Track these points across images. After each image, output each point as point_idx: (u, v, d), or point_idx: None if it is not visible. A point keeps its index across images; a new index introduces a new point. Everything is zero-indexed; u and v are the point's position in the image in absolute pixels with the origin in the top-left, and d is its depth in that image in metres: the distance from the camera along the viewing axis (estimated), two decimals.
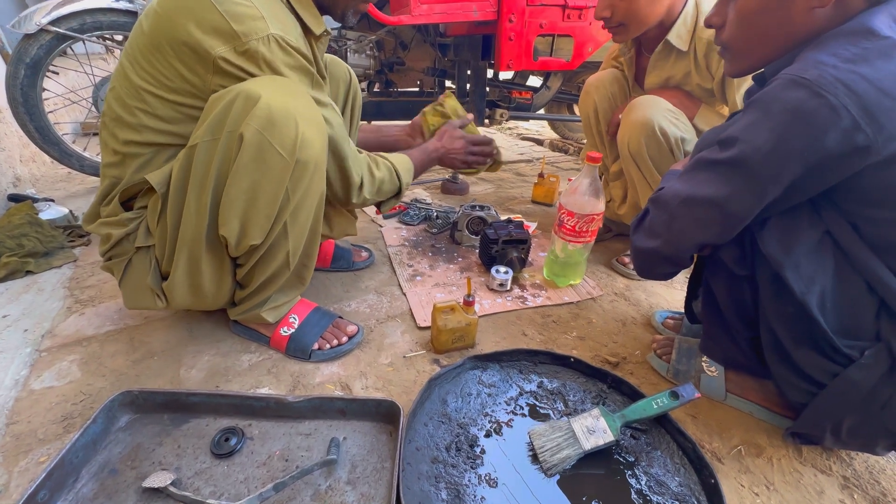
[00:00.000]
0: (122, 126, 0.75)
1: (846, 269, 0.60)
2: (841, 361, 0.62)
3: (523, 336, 1.01)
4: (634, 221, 0.77)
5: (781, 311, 0.64)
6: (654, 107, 1.05)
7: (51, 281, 1.16)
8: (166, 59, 0.69)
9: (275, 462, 0.67)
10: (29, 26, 1.39)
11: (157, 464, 0.66)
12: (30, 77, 1.45)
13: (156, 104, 0.72)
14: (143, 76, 0.71)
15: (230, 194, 0.70)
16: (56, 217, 1.39)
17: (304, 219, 0.78)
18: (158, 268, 0.81)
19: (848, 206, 0.58)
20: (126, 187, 0.78)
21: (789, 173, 0.55)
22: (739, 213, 0.60)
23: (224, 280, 0.82)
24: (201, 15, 0.65)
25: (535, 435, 0.70)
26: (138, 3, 1.56)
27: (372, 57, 1.84)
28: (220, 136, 0.67)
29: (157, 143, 0.76)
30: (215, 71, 0.68)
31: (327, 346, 0.90)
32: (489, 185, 2.05)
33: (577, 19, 1.47)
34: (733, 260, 0.68)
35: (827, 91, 0.50)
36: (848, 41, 0.53)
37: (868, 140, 0.50)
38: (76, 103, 1.95)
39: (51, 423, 0.74)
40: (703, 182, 0.63)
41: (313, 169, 0.73)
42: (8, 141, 1.75)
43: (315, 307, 0.95)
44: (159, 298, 0.82)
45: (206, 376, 0.85)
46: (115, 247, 0.80)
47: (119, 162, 0.77)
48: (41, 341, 0.94)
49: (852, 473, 0.72)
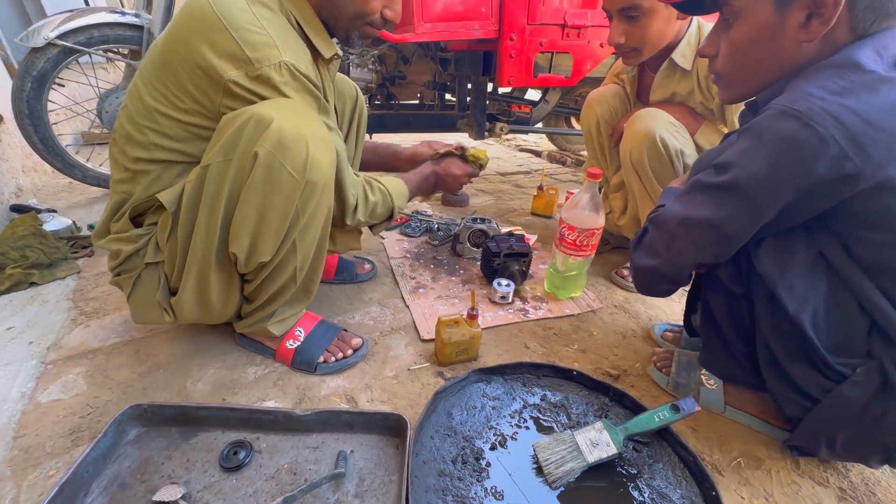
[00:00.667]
0: (132, 144, 0.76)
1: (839, 290, 0.62)
2: (834, 378, 0.63)
3: (525, 348, 1.02)
4: (634, 240, 0.79)
5: (776, 328, 0.66)
6: (657, 119, 1.08)
7: (55, 292, 1.16)
8: (178, 80, 0.72)
9: (283, 475, 0.68)
10: (37, 40, 1.41)
11: (167, 477, 0.66)
12: (36, 90, 1.47)
13: (166, 123, 0.74)
14: (155, 96, 0.74)
15: (242, 213, 0.71)
16: (59, 228, 1.40)
17: (312, 236, 0.80)
18: (167, 283, 0.83)
19: (840, 228, 0.60)
20: (136, 204, 0.80)
21: (782, 198, 0.57)
22: (735, 235, 0.63)
23: (232, 295, 0.84)
24: (216, 40, 0.68)
25: (540, 448, 0.71)
26: (144, 18, 1.59)
27: (374, 71, 1.87)
28: (233, 156, 0.69)
29: (165, 161, 0.78)
30: (225, 93, 0.70)
31: (333, 358, 0.91)
32: (489, 196, 2.08)
33: (576, 38, 1.51)
34: (730, 278, 0.70)
35: (815, 122, 0.53)
36: (835, 74, 0.56)
37: (856, 168, 0.53)
38: (80, 115, 1.97)
39: (58, 437, 0.75)
40: (700, 204, 0.66)
41: (322, 188, 0.75)
42: (11, 152, 1.76)
43: (320, 320, 0.96)
44: (167, 313, 0.84)
45: (212, 389, 0.86)
46: (125, 262, 0.82)
47: (129, 179, 0.79)
48: (46, 353, 0.94)
49: (849, 485, 0.73)
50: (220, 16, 0.68)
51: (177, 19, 0.73)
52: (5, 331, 1.01)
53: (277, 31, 0.71)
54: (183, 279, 0.79)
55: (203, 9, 0.69)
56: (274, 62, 0.69)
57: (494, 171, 2.56)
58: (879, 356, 0.61)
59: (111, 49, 1.60)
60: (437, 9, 1.35)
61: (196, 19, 0.70)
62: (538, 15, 1.45)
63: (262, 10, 0.72)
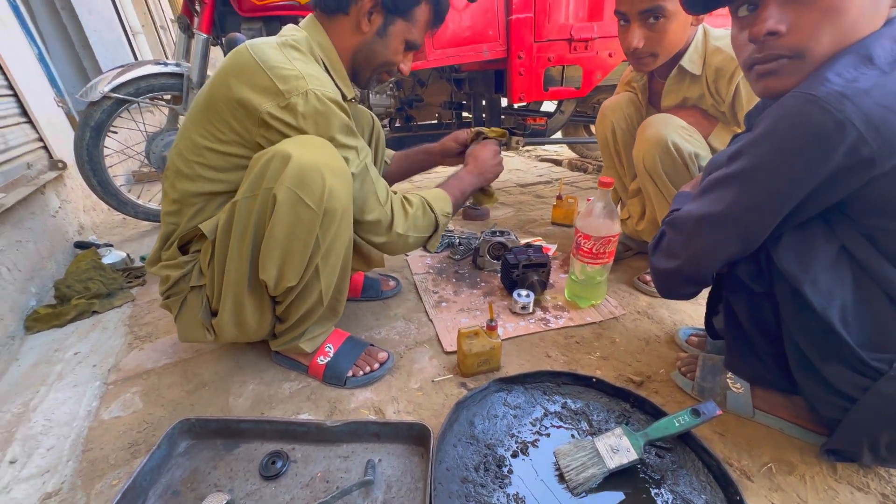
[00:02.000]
0: (181, 178, 0.86)
1: (865, 282, 0.60)
2: (871, 375, 0.61)
3: (547, 357, 1.03)
4: (652, 244, 0.80)
5: (805, 327, 0.64)
6: (668, 124, 1.09)
7: (113, 319, 1.29)
8: (221, 116, 0.81)
9: (317, 483, 0.73)
10: (93, 95, 1.58)
11: (213, 486, 0.73)
12: (94, 138, 1.65)
13: (210, 156, 0.83)
14: (201, 133, 0.83)
15: (268, 244, 0.79)
16: (116, 261, 1.54)
17: (334, 260, 0.86)
18: (209, 305, 0.91)
19: (861, 218, 0.59)
20: (183, 234, 0.89)
21: (801, 184, 0.57)
22: (756, 227, 0.62)
23: (265, 316, 0.91)
24: (254, 79, 0.77)
25: (561, 454, 0.73)
26: (184, 66, 1.75)
27: (392, 96, 1.96)
28: (259, 192, 0.77)
29: (209, 192, 0.86)
30: (260, 124, 0.79)
31: (361, 372, 0.97)
32: (509, 209, 2.10)
33: (584, 50, 1.54)
34: (750, 277, 0.69)
35: (833, 107, 0.52)
36: (850, 63, 0.55)
37: (872, 152, 0.52)
38: (131, 157, 2.17)
39: (119, 450, 0.83)
40: (717, 200, 0.65)
41: (340, 216, 0.81)
42: (73, 194, 1.96)
43: (348, 336, 1.02)
44: (209, 332, 0.92)
45: (252, 404, 0.93)
46: (173, 286, 0.91)
47: (176, 211, 0.89)
48: (108, 375, 1.04)
49: (892, 491, 0.70)
50: (256, 58, 0.78)
51: (221, 68, 0.82)
52: (73, 355, 1.13)
53: (305, 68, 0.79)
54: (221, 302, 0.87)
55: (242, 55, 0.80)
56: (301, 91, 0.76)
57: (514, 183, 2.59)
58: None
59: (156, 97, 1.77)
60: (446, 35, 1.42)
61: (237, 64, 0.79)
62: (544, 32, 1.49)
63: (293, 52, 0.82)
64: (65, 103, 2.08)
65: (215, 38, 1.74)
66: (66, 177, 1.91)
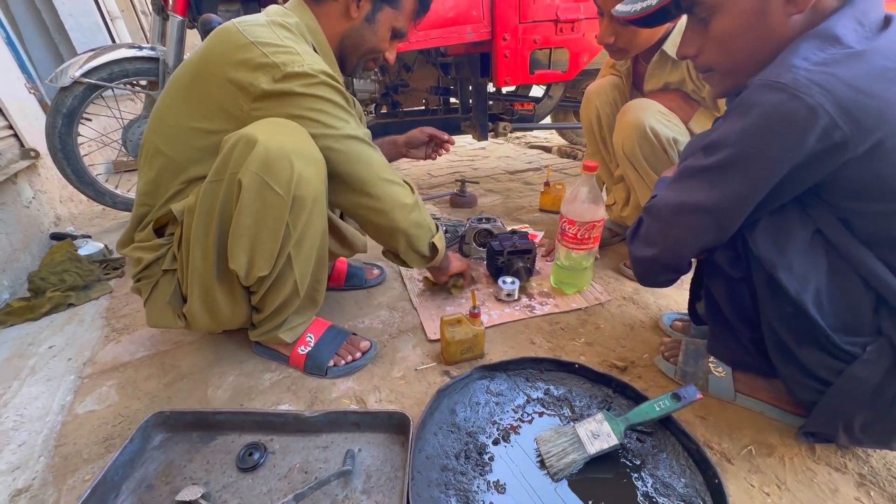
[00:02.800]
0: (159, 156, 0.83)
1: (840, 266, 0.60)
2: (844, 358, 0.62)
3: (531, 344, 1.03)
4: (630, 231, 0.79)
5: (780, 312, 0.64)
6: (646, 109, 1.07)
7: (90, 312, 1.25)
8: (210, 95, 0.78)
9: (295, 474, 0.71)
10: (64, 80, 1.52)
11: (189, 479, 0.71)
12: (66, 126, 1.59)
13: (194, 135, 0.80)
14: (185, 110, 0.80)
15: (236, 232, 0.76)
16: (93, 252, 1.50)
17: (308, 249, 0.83)
18: (180, 290, 0.88)
19: (836, 201, 0.58)
20: (159, 215, 0.86)
21: (775, 173, 0.56)
22: (731, 217, 0.62)
23: (238, 305, 0.89)
24: (246, 56, 0.74)
25: (542, 441, 0.72)
26: (159, 51, 1.68)
27: (377, 81, 1.92)
28: (224, 177, 0.74)
29: (190, 178, 0.83)
30: (256, 98, 0.75)
31: (342, 362, 0.95)
32: (497, 196, 2.08)
33: (570, 32, 1.51)
34: (728, 262, 0.69)
35: (803, 92, 0.52)
36: (816, 46, 0.54)
37: (845, 136, 0.51)
38: (108, 145, 2.10)
39: (94, 444, 0.81)
40: (692, 189, 0.65)
41: (311, 204, 0.78)
42: (49, 184, 1.90)
43: (329, 326, 1.00)
44: (179, 318, 0.89)
45: (231, 395, 0.91)
46: (145, 269, 0.88)
47: (152, 191, 0.85)
48: (83, 368, 1.02)
49: (869, 471, 0.70)
50: (248, 36, 0.75)
51: (207, 46, 0.79)
52: (47, 349, 1.10)
53: (298, 47, 0.77)
54: (189, 289, 0.84)
55: (233, 33, 0.76)
56: (297, 65, 0.74)
57: (503, 170, 2.56)
58: (889, 332, 0.59)
59: (131, 82, 1.71)
60: (429, 17, 1.37)
61: (227, 42, 0.76)
62: (529, 13, 1.45)
63: (283, 31, 0.79)
64: (37, 89, 2.01)
65: (191, 21, 1.68)
66: (40, 166, 1.85)
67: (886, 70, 0.51)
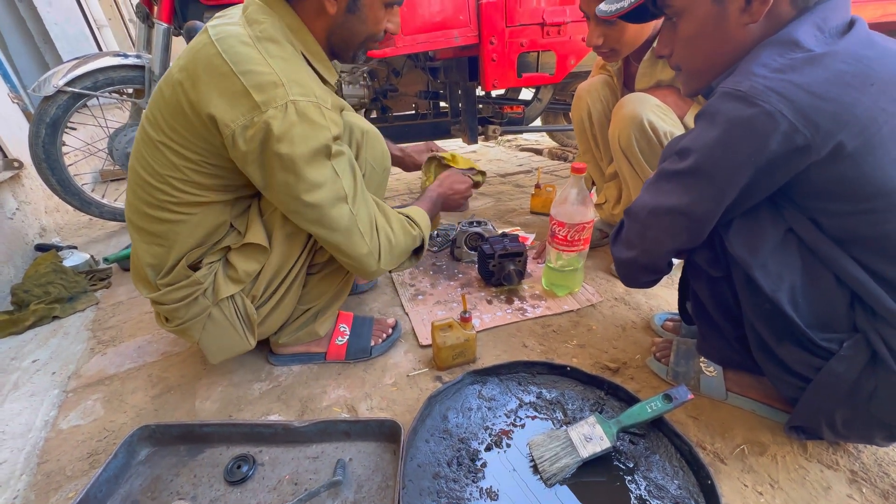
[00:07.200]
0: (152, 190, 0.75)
1: (813, 264, 0.61)
2: (822, 355, 0.62)
3: (524, 348, 1.02)
4: (613, 233, 0.80)
5: (759, 309, 0.65)
6: (643, 102, 1.08)
7: (75, 324, 1.23)
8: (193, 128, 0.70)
9: (284, 486, 0.70)
10: (47, 89, 1.50)
11: (175, 494, 0.70)
12: (50, 135, 1.57)
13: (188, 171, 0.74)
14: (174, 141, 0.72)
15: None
16: (79, 263, 1.48)
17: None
18: (245, 309, 0.85)
19: (805, 202, 0.60)
20: (199, 253, 0.81)
21: (741, 176, 0.58)
22: (703, 219, 0.63)
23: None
24: (224, 85, 0.66)
25: (534, 445, 0.72)
26: (145, 58, 1.67)
27: (366, 86, 1.91)
28: None
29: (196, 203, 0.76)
30: (231, 145, 0.68)
31: (381, 340, 1.02)
32: (489, 199, 2.08)
33: (557, 35, 1.52)
34: (707, 262, 0.70)
35: (761, 100, 0.53)
36: (776, 52, 0.56)
37: (807, 140, 0.53)
38: (94, 154, 2.08)
39: (77, 461, 0.79)
40: (666, 192, 0.67)
41: None
42: (33, 195, 1.87)
43: (353, 314, 1.05)
44: (247, 339, 0.87)
45: (220, 407, 0.89)
46: (189, 306, 0.80)
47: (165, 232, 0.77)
48: (67, 382, 1.00)
49: (860, 467, 0.71)
50: (227, 60, 0.66)
51: (182, 66, 0.70)
52: (31, 363, 1.07)
53: (285, 68, 0.69)
54: (275, 302, 0.87)
55: (210, 56, 0.68)
56: (280, 103, 0.66)
57: (494, 173, 2.56)
58: (864, 329, 0.59)
59: (117, 90, 1.69)
60: (415, 21, 1.38)
61: (203, 65, 0.68)
62: (516, 16, 1.46)
63: (269, 46, 0.70)
64: (20, 99, 1.98)
65: (177, 28, 1.66)
66: (24, 177, 1.82)
67: (843, 74, 0.53)
